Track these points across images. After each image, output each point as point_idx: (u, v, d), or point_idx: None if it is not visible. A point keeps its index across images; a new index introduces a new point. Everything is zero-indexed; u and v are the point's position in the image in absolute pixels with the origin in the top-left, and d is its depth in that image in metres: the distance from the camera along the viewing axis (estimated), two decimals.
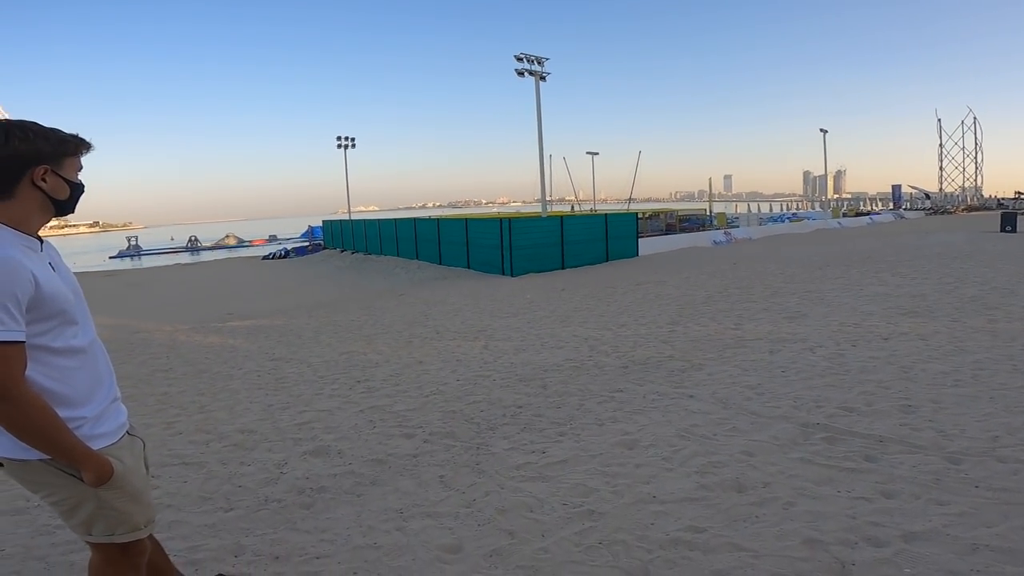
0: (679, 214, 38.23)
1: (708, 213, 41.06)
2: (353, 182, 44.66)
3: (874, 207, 62.92)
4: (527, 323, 8.00)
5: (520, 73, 28.25)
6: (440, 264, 21.06)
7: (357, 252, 29.38)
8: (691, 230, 32.28)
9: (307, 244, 41.89)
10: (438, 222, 22.31)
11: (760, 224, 35.48)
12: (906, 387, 4.01)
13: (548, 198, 30.87)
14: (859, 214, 44.66)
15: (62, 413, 1.40)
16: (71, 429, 1.41)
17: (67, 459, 1.41)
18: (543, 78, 28.64)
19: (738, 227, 32.58)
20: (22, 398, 1.31)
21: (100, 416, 1.50)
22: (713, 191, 54.64)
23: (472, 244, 19.42)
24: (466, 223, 20.24)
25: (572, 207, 60.69)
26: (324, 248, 35.47)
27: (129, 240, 62.61)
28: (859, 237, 22.20)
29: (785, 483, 2.73)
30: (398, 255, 24.65)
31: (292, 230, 73.31)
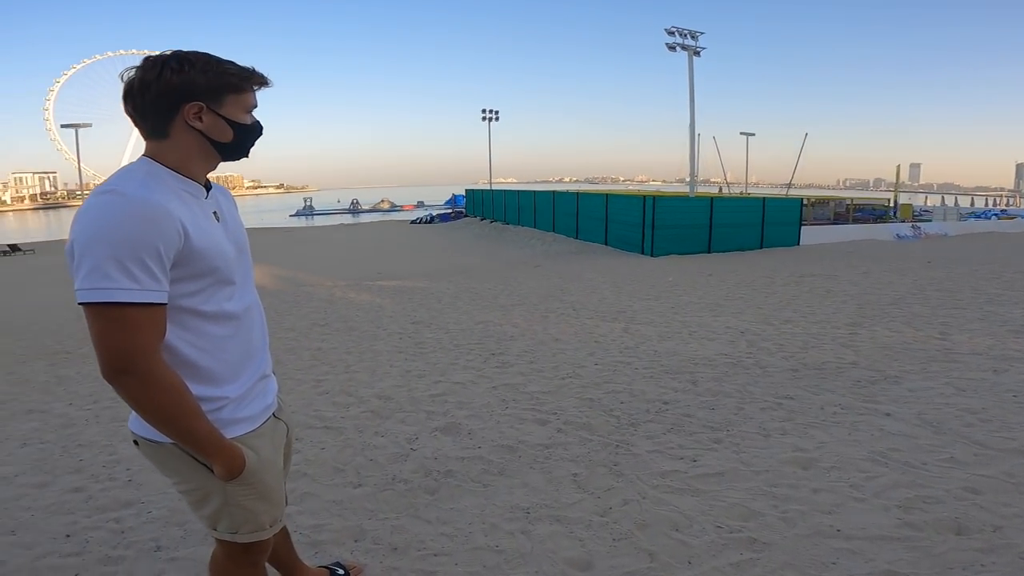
0: (852, 202, 33.84)
1: (891, 203, 35.82)
2: (494, 154, 45.67)
3: None
4: (671, 308, 7.35)
5: (671, 47, 26.39)
6: (576, 238, 20.76)
7: (496, 221, 30.02)
8: (865, 221, 28.35)
9: (450, 211, 43.89)
10: (577, 196, 21.88)
11: (959, 219, 30.07)
12: None
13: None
14: None
15: (203, 391, 1.20)
16: (207, 412, 1.19)
17: (195, 448, 1.20)
18: (697, 53, 26.49)
19: (930, 221, 27.93)
20: (150, 373, 1.09)
21: (245, 396, 1.29)
22: (896, 180, 47.46)
23: (612, 220, 18.82)
24: (607, 198, 19.65)
25: (720, 189, 56.45)
26: (465, 216, 36.80)
27: (305, 201, 70.76)
28: None
29: None
30: (535, 226, 24.73)
31: (438, 197, 77.46)
